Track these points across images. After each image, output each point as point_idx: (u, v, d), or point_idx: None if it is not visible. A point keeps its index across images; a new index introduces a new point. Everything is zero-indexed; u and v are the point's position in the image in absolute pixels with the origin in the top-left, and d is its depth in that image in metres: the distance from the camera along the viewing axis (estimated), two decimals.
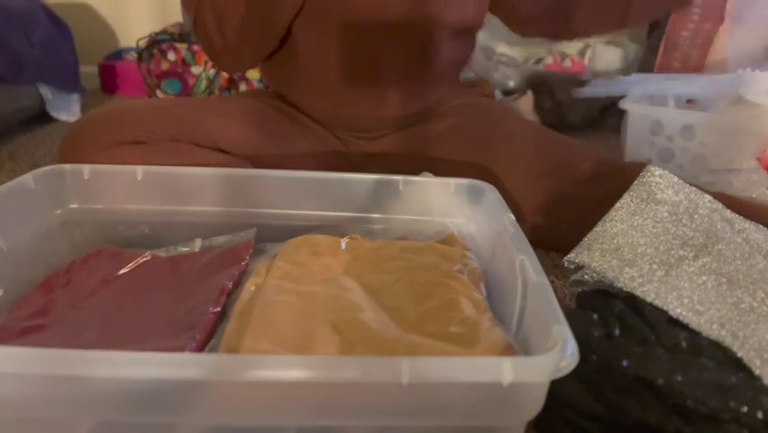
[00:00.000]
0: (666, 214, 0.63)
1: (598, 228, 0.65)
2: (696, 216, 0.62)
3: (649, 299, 0.54)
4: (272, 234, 0.65)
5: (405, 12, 0.79)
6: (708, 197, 0.66)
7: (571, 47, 1.94)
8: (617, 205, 0.65)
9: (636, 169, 0.70)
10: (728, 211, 0.65)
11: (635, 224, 0.63)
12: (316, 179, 0.67)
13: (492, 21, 0.94)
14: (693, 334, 0.51)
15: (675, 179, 0.67)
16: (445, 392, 0.38)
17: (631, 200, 0.65)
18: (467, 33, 0.89)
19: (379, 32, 0.80)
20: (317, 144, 0.88)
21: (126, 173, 0.66)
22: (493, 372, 0.36)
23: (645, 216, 0.64)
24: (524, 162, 0.83)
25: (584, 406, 0.47)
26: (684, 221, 0.62)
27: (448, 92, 0.92)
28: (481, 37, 1.70)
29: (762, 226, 0.64)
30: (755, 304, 0.53)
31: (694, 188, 0.66)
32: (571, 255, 0.64)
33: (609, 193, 0.69)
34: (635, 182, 0.67)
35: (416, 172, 0.71)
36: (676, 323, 0.52)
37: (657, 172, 0.66)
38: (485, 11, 0.89)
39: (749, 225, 0.64)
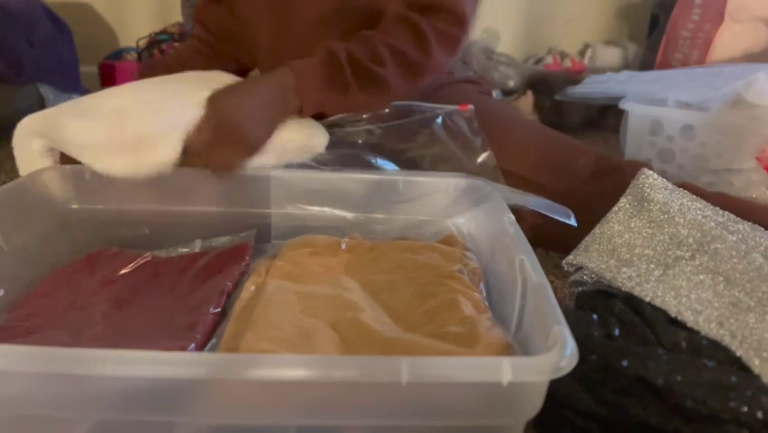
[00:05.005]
0: (661, 215, 0.63)
1: (596, 230, 0.65)
2: (690, 216, 0.62)
3: (647, 299, 0.54)
4: (272, 234, 0.65)
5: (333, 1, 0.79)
6: (700, 200, 0.66)
7: (571, 47, 1.94)
8: (615, 207, 0.66)
9: (635, 167, 0.70)
10: (723, 212, 0.65)
11: (632, 225, 0.63)
12: (316, 179, 0.67)
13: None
14: (693, 334, 0.51)
15: (668, 182, 0.67)
16: (445, 392, 0.38)
17: (628, 202, 0.66)
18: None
19: (317, 22, 0.80)
20: None
21: None
22: (492, 371, 0.36)
23: (642, 217, 0.64)
24: (522, 160, 0.82)
25: (584, 406, 0.47)
26: (679, 221, 0.62)
27: (439, 88, 0.91)
28: (481, 37, 1.70)
29: (757, 226, 0.64)
30: (753, 303, 0.53)
31: (686, 192, 0.67)
32: (570, 258, 0.64)
33: (609, 191, 0.69)
34: (631, 184, 0.67)
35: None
36: (676, 323, 0.53)
37: (650, 174, 0.67)
38: None
39: (744, 226, 0.64)
